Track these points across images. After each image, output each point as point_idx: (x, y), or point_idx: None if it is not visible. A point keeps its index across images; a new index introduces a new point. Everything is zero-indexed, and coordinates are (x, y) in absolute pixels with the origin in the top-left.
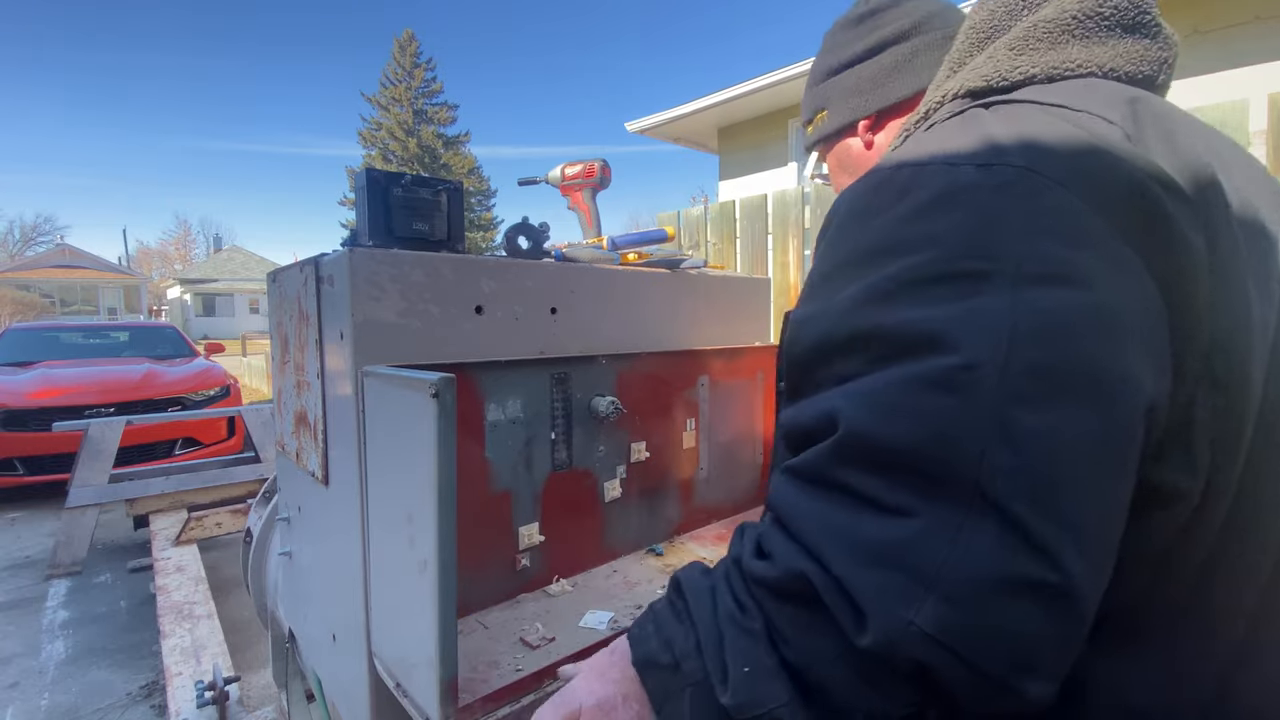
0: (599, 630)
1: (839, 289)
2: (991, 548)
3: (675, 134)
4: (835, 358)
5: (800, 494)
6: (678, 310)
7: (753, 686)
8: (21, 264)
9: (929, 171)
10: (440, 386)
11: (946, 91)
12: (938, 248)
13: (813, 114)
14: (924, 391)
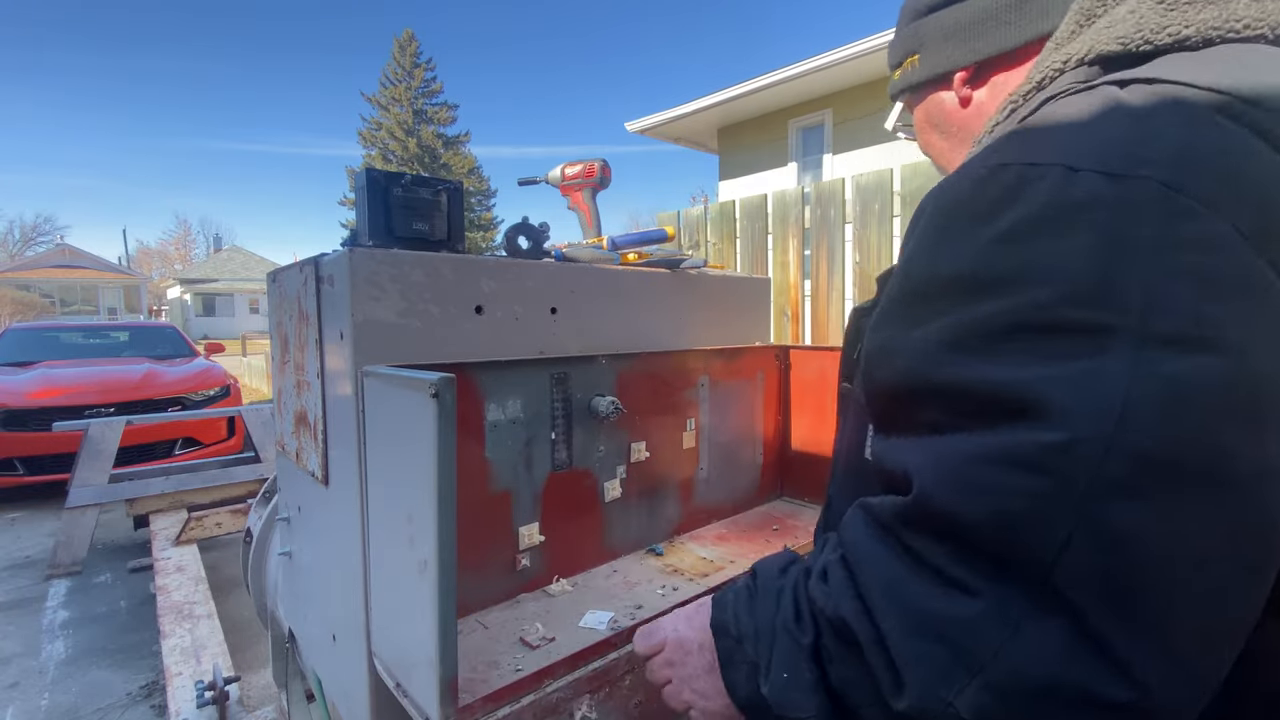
0: (599, 630)
1: (921, 319)
2: (1054, 648)
3: (675, 134)
4: (914, 405)
5: (869, 537)
6: (678, 310)
7: (787, 692)
8: (21, 264)
9: (1039, 175)
10: (440, 386)
11: (1070, 55)
12: (1042, 287)
13: (902, 57)
14: (1008, 468)
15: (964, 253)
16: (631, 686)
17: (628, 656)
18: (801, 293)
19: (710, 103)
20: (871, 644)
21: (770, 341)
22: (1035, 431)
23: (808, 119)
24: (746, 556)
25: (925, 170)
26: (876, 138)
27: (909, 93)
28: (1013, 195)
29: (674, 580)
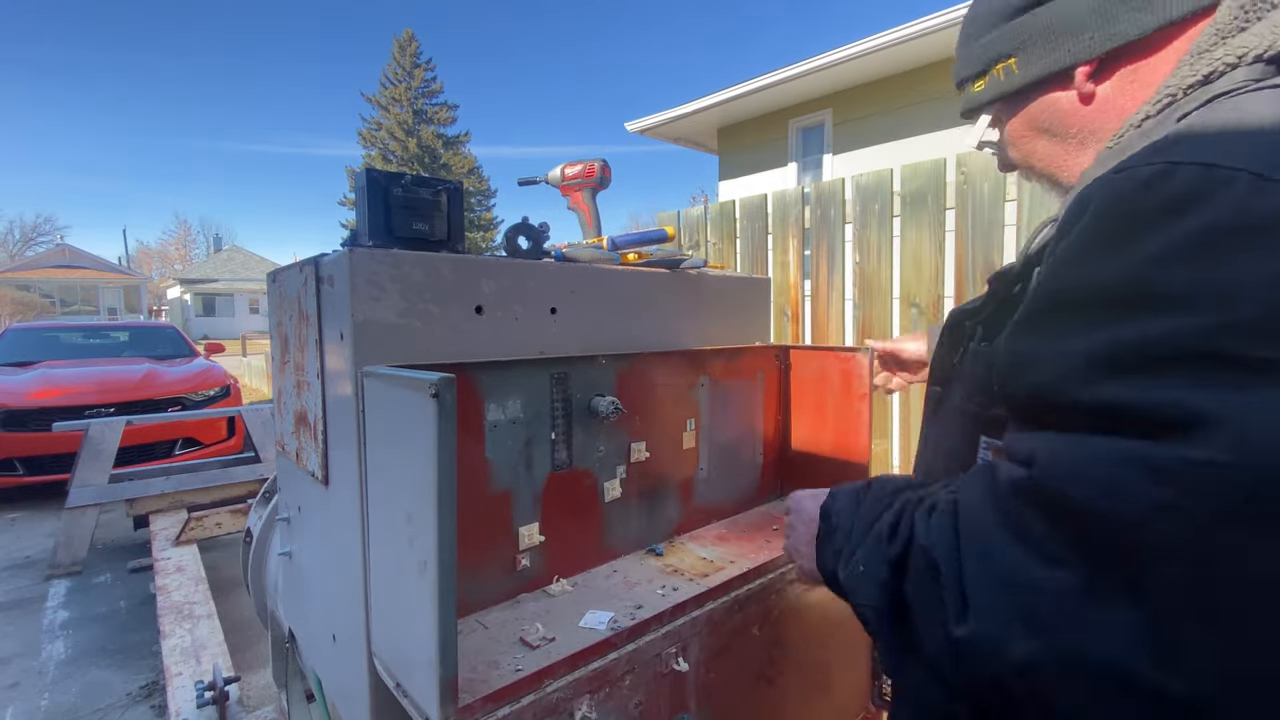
0: (599, 630)
1: (1072, 330)
2: (1124, 636)
3: (675, 134)
4: (1051, 415)
5: (982, 495)
6: (678, 310)
7: (857, 581)
8: (21, 264)
9: (1222, 180)
10: (440, 386)
11: (1246, 49)
12: (1221, 312)
13: (987, 65)
14: (1141, 475)
15: (1126, 262)
16: (631, 686)
17: (628, 656)
18: (801, 293)
19: (710, 103)
20: (951, 576)
21: (770, 341)
22: (1184, 447)
23: (808, 119)
24: (746, 556)
25: (925, 170)
26: (876, 138)
27: (1003, 101)
28: (1188, 201)
29: (674, 580)
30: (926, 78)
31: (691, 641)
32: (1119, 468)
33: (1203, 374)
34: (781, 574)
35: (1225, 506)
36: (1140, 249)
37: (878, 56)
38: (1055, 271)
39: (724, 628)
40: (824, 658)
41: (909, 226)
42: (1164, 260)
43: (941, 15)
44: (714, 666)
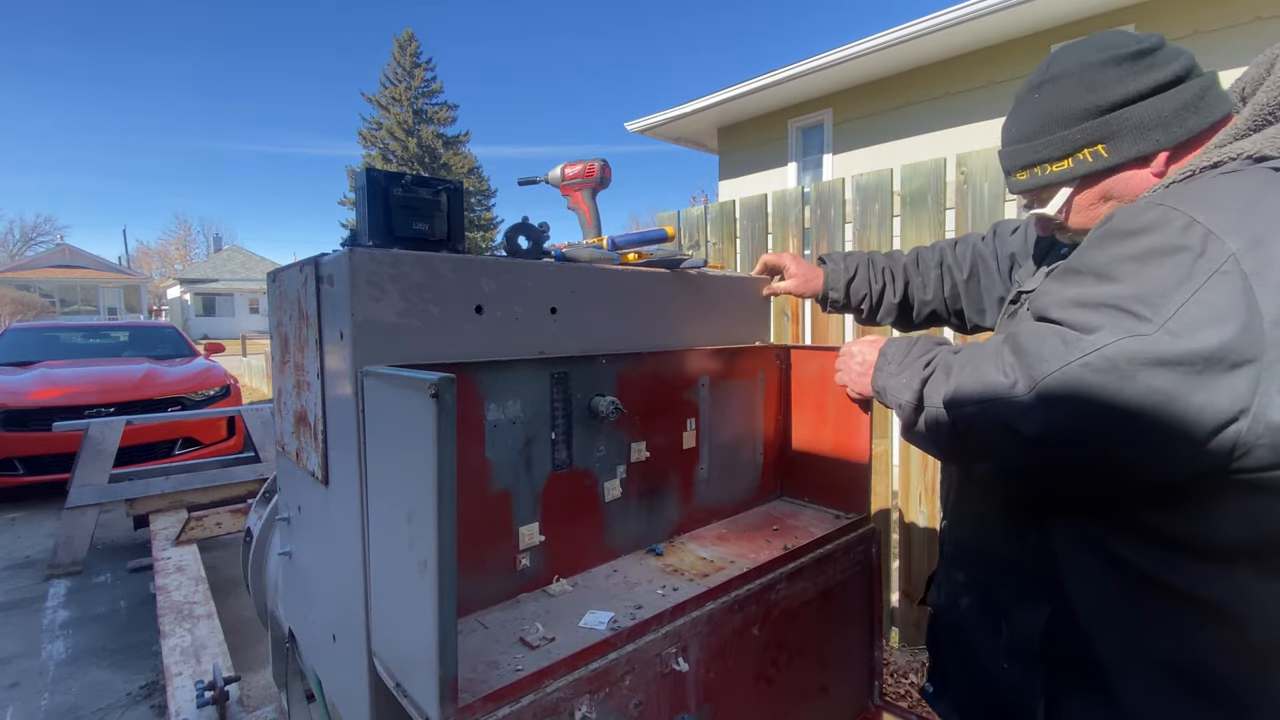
0: (599, 630)
1: (1069, 283)
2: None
3: (675, 134)
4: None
5: (986, 347)
6: (678, 310)
7: (901, 387)
8: (21, 264)
9: (1168, 220)
10: (440, 386)
11: (1243, 151)
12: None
13: (1074, 150)
14: (1058, 339)
15: (1106, 255)
16: (631, 687)
17: (628, 657)
18: None
19: (710, 102)
20: (957, 371)
21: (770, 341)
22: (1086, 339)
23: (807, 119)
24: (746, 556)
25: (925, 170)
26: (876, 137)
27: (1085, 178)
28: (1146, 229)
29: (674, 580)
30: (926, 78)
31: (691, 642)
32: (1051, 336)
33: (1109, 314)
34: (782, 574)
35: (1088, 363)
36: (1115, 250)
37: (877, 56)
38: (1075, 255)
39: (724, 628)
40: (823, 657)
41: (909, 226)
42: (1121, 258)
43: (941, 15)
44: (714, 666)
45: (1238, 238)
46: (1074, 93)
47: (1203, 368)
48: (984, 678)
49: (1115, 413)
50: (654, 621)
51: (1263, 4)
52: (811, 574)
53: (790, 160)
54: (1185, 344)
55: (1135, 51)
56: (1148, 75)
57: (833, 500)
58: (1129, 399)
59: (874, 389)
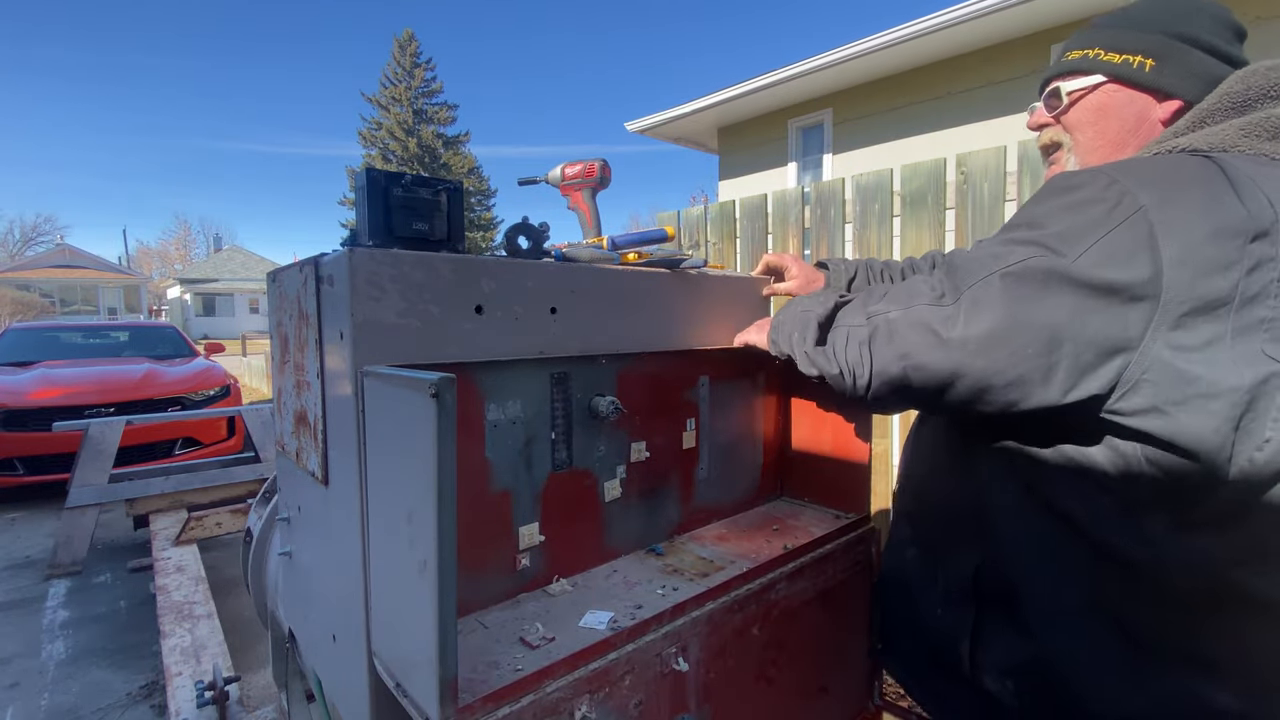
0: (599, 630)
1: (1010, 229)
2: (946, 312)
3: (675, 134)
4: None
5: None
6: (678, 310)
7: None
8: (21, 264)
9: (1095, 177)
10: (440, 386)
11: (1190, 146)
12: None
13: (1131, 48)
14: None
15: (1041, 207)
16: (631, 687)
17: (628, 657)
18: None
19: (710, 102)
20: (882, 290)
21: None
22: (1012, 254)
23: (808, 119)
24: (746, 556)
25: (925, 170)
26: (876, 138)
27: (1122, 80)
28: (1079, 183)
29: (674, 580)
30: (926, 77)
31: (691, 642)
32: (982, 256)
33: (1032, 247)
34: (782, 573)
35: (1010, 272)
36: (1048, 203)
37: (877, 56)
38: (1023, 208)
39: (724, 628)
40: (823, 657)
41: (909, 226)
42: (1052, 210)
43: (941, 15)
44: (714, 666)
45: (1149, 194)
46: (1167, 10)
47: (1104, 295)
48: (921, 625)
49: (1022, 320)
50: (654, 621)
51: (1263, 4)
52: (811, 574)
53: (790, 160)
54: (1091, 272)
55: (1233, 23)
56: (1225, 41)
57: (833, 500)
58: (1037, 308)
59: (771, 336)
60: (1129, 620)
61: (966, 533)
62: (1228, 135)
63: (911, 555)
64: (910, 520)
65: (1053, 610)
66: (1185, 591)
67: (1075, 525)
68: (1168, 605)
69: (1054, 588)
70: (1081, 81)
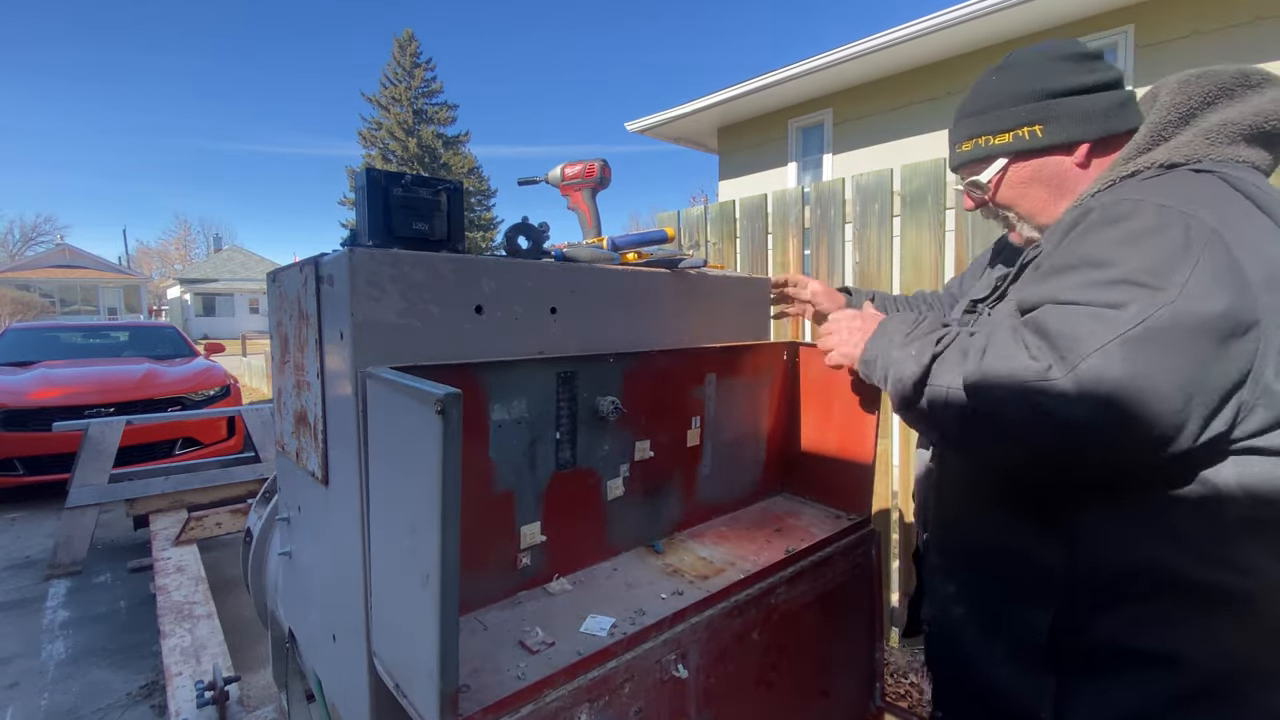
0: (599, 637)
1: (1070, 272)
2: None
3: (675, 134)
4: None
5: (1003, 327)
6: (678, 310)
7: (906, 360)
8: (21, 264)
9: (1141, 206)
10: (446, 403)
11: (1155, 161)
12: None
13: (1016, 125)
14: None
15: (1100, 243)
16: (631, 694)
17: (627, 665)
18: None
19: (710, 102)
20: (976, 353)
21: (770, 340)
22: (1123, 314)
23: (808, 119)
24: (747, 559)
25: (925, 170)
26: (876, 137)
27: (1021, 154)
28: (1125, 217)
29: (674, 582)
30: (926, 78)
31: (691, 648)
32: (1082, 316)
33: (1127, 289)
34: (782, 577)
35: (1131, 338)
36: (1100, 238)
37: (877, 56)
38: (1056, 254)
39: (724, 633)
40: (824, 660)
41: (909, 226)
42: (1109, 243)
43: (941, 15)
44: (714, 672)
45: (1210, 214)
46: (1024, 78)
47: (1217, 335)
48: (983, 688)
49: (1149, 389)
50: (654, 629)
51: (1263, 4)
52: (812, 577)
53: (790, 160)
54: (1207, 306)
55: (1083, 54)
56: (1089, 75)
57: (834, 499)
58: (1164, 373)
59: (863, 357)
60: (1240, 654)
61: (1032, 588)
62: (1196, 145)
63: (960, 614)
64: (951, 575)
65: (1146, 656)
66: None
67: (1176, 569)
68: (1268, 636)
69: (1144, 630)
70: (989, 170)
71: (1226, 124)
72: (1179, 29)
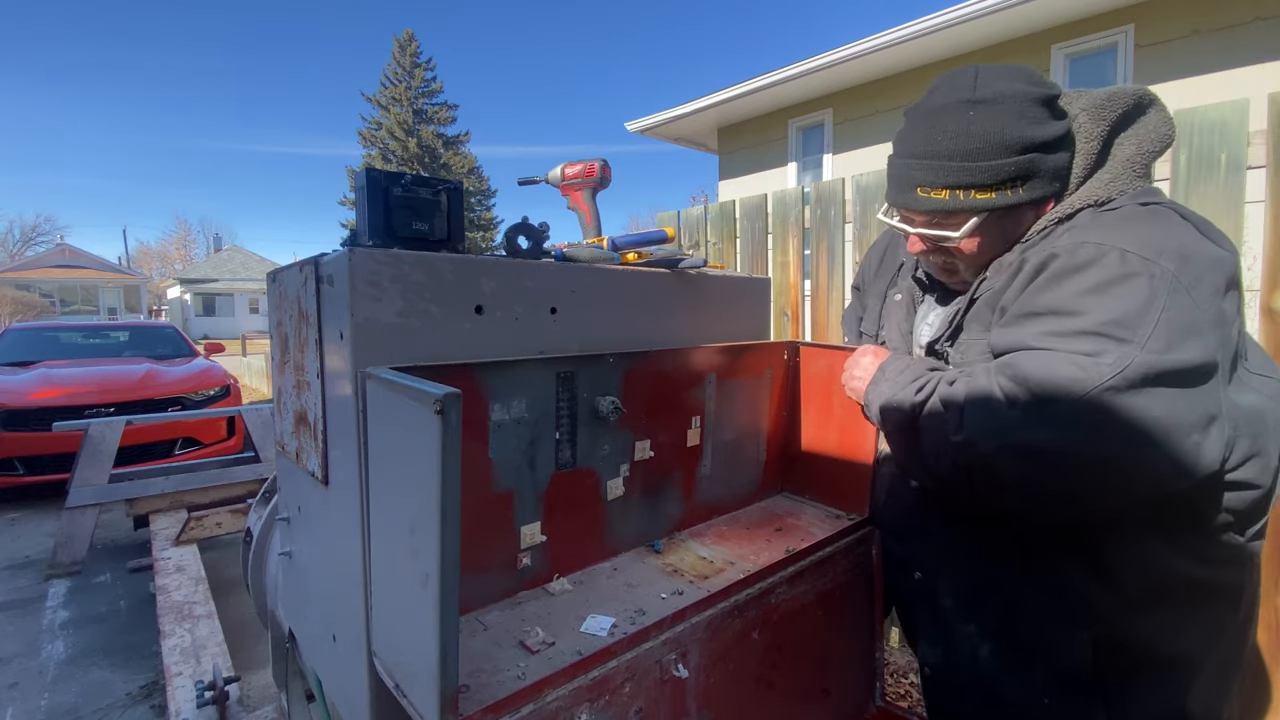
0: (599, 637)
1: (1036, 321)
2: (1042, 433)
3: (675, 134)
4: (1022, 349)
5: (984, 373)
6: (677, 310)
7: (890, 410)
8: (21, 264)
9: (1105, 253)
10: (446, 403)
11: (1081, 204)
12: (1090, 321)
13: (1002, 181)
14: (1063, 364)
15: (1064, 293)
16: (631, 694)
17: (628, 664)
18: (801, 293)
19: (710, 103)
20: (955, 410)
21: (770, 339)
22: (1103, 363)
23: (808, 119)
24: (746, 558)
25: None
26: (876, 138)
27: (1002, 210)
28: (1089, 263)
29: (674, 582)
30: (926, 77)
31: (691, 648)
32: (1061, 364)
33: (1095, 340)
34: (782, 577)
35: (1112, 387)
36: (1067, 287)
37: (878, 56)
38: (1022, 301)
39: (725, 633)
40: (825, 659)
41: None
42: (1077, 293)
43: (941, 15)
44: (714, 672)
45: (1168, 259)
46: (1007, 124)
47: (1191, 377)
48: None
49: (1134, 435)
50: (654, 628)
51: (1263, 4)
52: (813, 576)
53: (790, 160)
54: (1173, 358)
55: (1048, 96)
56: (1058, 124)
57: (835, 499)
58: (1141, 420)
59: (865, 401)
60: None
61: (1070, 611)
62: (1123, 180)
63: (987, 652)
64: (971, 615)
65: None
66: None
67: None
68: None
69: (1182, 635)
70: (966, 228)
71: (1141, 153)
72: (1179, 29)
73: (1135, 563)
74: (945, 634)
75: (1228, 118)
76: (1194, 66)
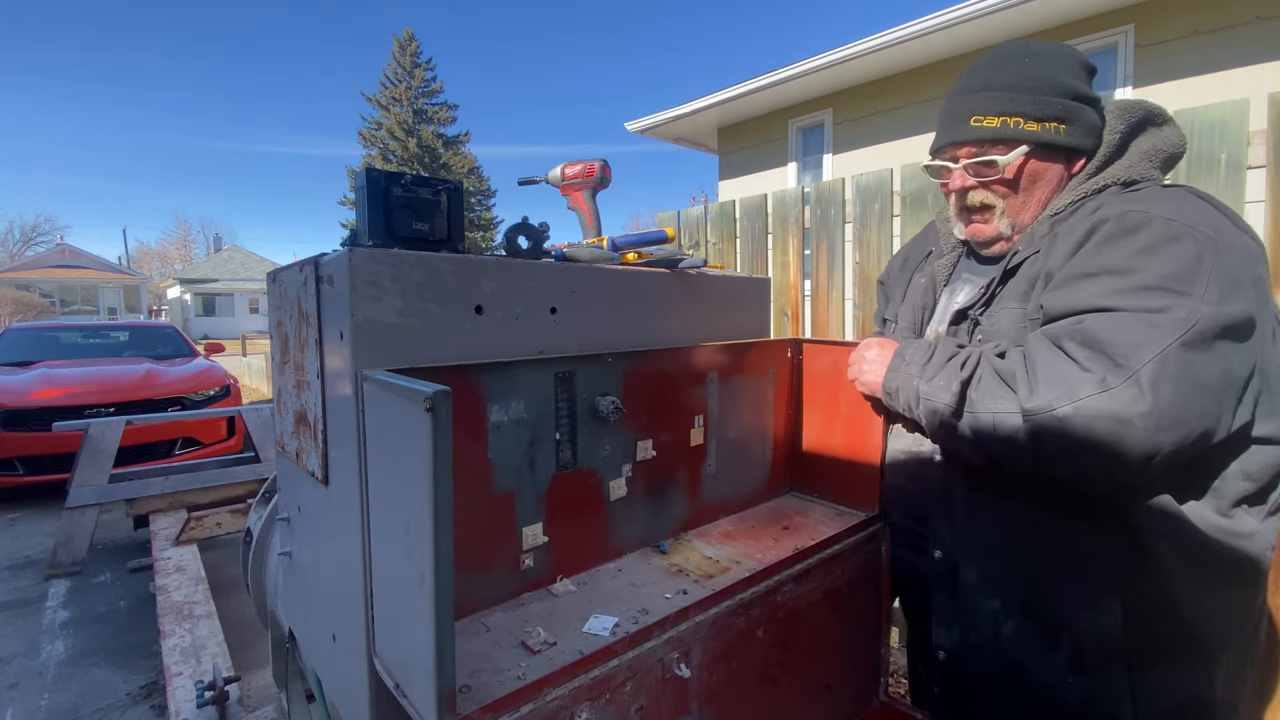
0: (601, 636)
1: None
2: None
3: (675, 134)
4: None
5: (1040, 339)
6: (677, 310)
7: (934, 389)
8: (21, 264)
9: (1154, 218)
10: (435, 400)
11: (1112, 180)
12: (1147, 278)
13: (1050, 116)
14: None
15: (1120, 254)
16: (633, 692)
17: (629, 663)
18: (801, 293)
19: (710, 102)
20: (1023, 375)
21: (771, 338)
22: (1177, 317)
23: (808, 119)
24: (753, 557)
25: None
26: (876, 138)
27: (1043, 146)
28: (1140, 227)
29: (679, 581)
30: (926, 77)
31: (694, 646)
32: (1131, 322)
33: (1160, 295)
34: (789, 575)
35: (1189, 341)
36: (1120, 247)
37: (878, 56)
38: (1074, 263)
39: (728, 631)
40: (829, 656)
41: (909, 226)
42: (1129, 253)
43: (941, 15)
44: (717, 669)
45: (1205, 225)
46: (1057, 70)
47: (1237, 332)
48: (1045, 700)
49: (1201, 384)
50: (656, 628)
51: (1263, 4)
52: (820, 574)
53: (790, 160)
54: (1228, 309)
55: (1091, 67)
56: (1092, 90)
57: (843, 497)
58: (1210, 370)
59: (885, 388)
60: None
61: (1100, 581)
62: (1141, 166)
63: (1010, 629)
64: (997, 591)
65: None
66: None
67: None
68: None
69: (1217, 609)
70: (1014, 154)
71: (1156, 149)
72: (1179, 29)
73: (1165, 527)
74: (965, 613)
75: (1228, 118)
76: (1194, 66)
